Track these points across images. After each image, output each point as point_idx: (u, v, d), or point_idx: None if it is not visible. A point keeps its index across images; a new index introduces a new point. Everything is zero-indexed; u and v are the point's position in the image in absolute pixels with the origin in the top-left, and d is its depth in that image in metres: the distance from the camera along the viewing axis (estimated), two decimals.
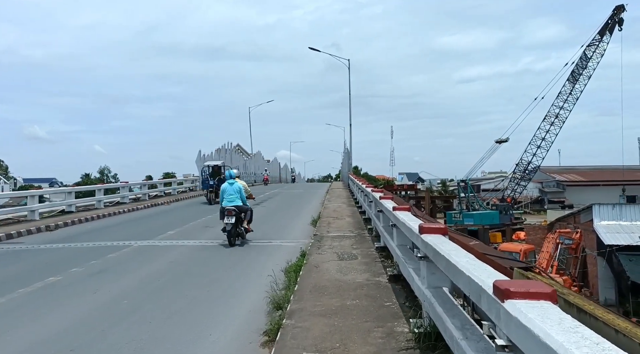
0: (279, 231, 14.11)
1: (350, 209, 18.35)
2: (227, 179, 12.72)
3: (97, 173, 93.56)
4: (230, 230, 11.52)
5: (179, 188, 32.57)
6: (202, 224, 15.93)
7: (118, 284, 7.88)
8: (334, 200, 23.37)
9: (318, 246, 10.16)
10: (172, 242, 12.12)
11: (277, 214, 18.78)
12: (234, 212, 11.62)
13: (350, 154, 41.57)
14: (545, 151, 50.91)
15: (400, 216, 6.47)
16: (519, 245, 24.21)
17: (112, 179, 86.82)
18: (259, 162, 63.13)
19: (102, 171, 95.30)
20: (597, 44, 52.77)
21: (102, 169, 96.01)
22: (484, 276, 2.86)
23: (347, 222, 14.43)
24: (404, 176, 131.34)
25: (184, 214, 19.66)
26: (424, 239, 4.50)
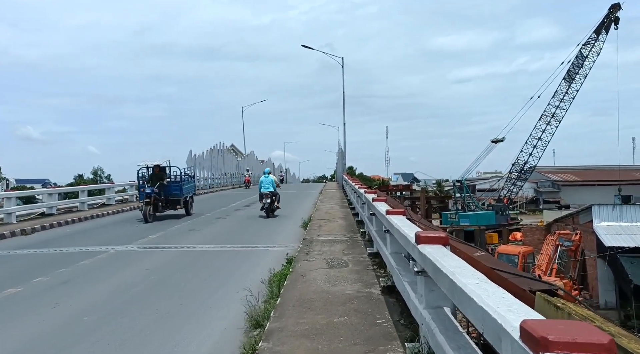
0: (266, 235, 13.38)
1: (343, 211, 17.66)
2: (266, 174, 18.71)
3: (91, 174, 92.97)
4: (267, 207, 17.20)
5: None
6: (187, 227, 15.19)
7: (83, 296, 7.14)
8: (327, 201, 22.67)
9: (306, 252, 9.45)
10: (153, 248, 11.38)
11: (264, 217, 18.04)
12: (270, 194, 17.43)
13: (344, 154, 40.89)
14: (542, 151, 50.41)
15: (394, 220, 5.77)
16: (518, 247, 23.56)
17: (106, 179, 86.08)
18: (253, 163, 62.33)
19: (95, 172, 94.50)
20: (593, 43, 52.31)
21: (95, 169, 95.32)
22: (502, 308, 2.16)
23: (339, 225, 13.73)
24: (399, 176, 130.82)
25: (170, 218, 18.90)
26: (421, 251, 3.80)
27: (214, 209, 20.60)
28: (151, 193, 16.55)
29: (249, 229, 14.71)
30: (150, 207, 16.34)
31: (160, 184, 17.04)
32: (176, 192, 17.73)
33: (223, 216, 18.37)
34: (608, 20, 52.57)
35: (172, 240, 12.57)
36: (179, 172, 19.12)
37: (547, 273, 21.01)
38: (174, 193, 17.63)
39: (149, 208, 16.30)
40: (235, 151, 69.33)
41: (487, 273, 3.36)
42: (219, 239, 12.66)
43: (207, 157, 40.87)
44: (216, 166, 43.34)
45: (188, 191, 18.90)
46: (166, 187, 17.38)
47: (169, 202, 17.54)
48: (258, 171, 64.69)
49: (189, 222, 16.21)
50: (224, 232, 14.02)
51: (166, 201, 17.37)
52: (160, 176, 17.45)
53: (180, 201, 17.80)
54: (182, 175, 19.14)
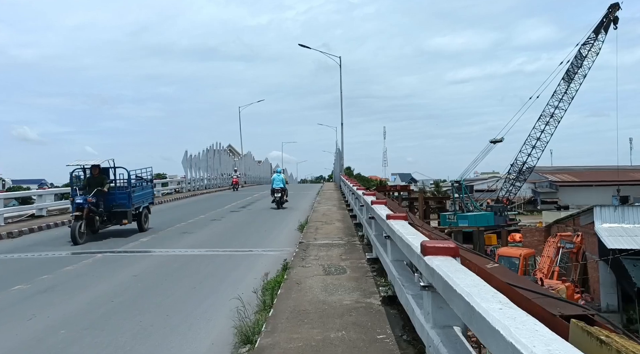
0: (261, 238, 12.94)
1: (341, 213, 17.22)
2: (278, 172, 22.78)
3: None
4: (278, 200, 20.97)
5: (164, 190, 31.28)
6: (180, 229, 14.72)
7: (62, 306, 6.68)
8: (324, 203, 22.24)
9: (302, 257, 9.01)
10: (142, 252, 10.92)
11: (260, 218, 17.60)
12: (280, 190, 21.34)
13: (342, 155, 40.46)
14: (541, 151, 50.06)
15: (396, 226, 5.33)
16: (519, 249, 23.13)
17: None
18: (249, 163, 61.90)
19: None
20: (592, 43, 52.01)
21: None
22: (539, 348, 1.72)
23: (336, 228, 13.30)
24: (396, 176, 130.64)
25: (162, 217, 18.41)
26: (428, 264, 3.37)
27: (208, 211, 20.14)
28: (83, 204, 12.46)
29: (243, 231, 14.26)
30: (81, 222, 12.27)
31: (99, 190, 13.11)
32: (122, 202, 13.81)
33: (218, 217, 17.91)
34: (607, 20, 52.29)
35: (164, 243, 12.11)
36: (128, 175, 14.51)
37: (549, 275, 20.63)
38: (119, 203, 13.79)
39: (79, 224, 12.19)
40: (232, 152, 68.92)
41: (507, 292, 2.93)
42: (212, 243, 12.21)
43: (203, 158, 40.35)
44: (212, 167, 42.84)
45: (141, 199, 14.78)
46: (108, 195, 13.61)
47: (112, 215, 13.70)
48: (254, 171, 64.34)
49: (182, 225, 15.74)
50: (218, 235, 13.57)
51: (108, 213, 13.61)
52: (100, 180, 13.50)
53: (127, 214, 13.74)
54: (130, 179, 14.52)
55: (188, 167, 36.68)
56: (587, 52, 52.04)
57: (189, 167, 36.72)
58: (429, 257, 3.47)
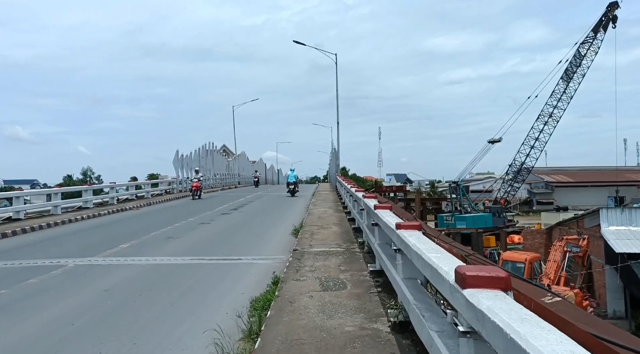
0: (252, 244, 11.93)
1: (338, 216, 16.24)
2: (292, 171, 29.82)
3: (80, 174, 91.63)
4: (291, 189, 28.07)
5: (153, 191, 30.18)
6: (165, 234, 13.68)
7: (12, 331, 5.65)
8: (320, 204, 21.24)
9: (296, 268, 8.01)
10: (120, 261, 9.89)
11: (253, 222, 16.59)
12: (293, 183, 28.62)
13: (337, 154, 39.46)
14: (539, 151, 49.25)
15: (411, 239, 4.35)
16: (524, 254, 22.15)
17: (96, 180, 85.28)
18: (243, 163, 60.76)
19: (85, 172, 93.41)
20: (591, 42, 51.31)
21: (85, 170, 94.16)
22: None
23: (333, 233, 12.30)
24: (392, 177, 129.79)
25: (149, 220, 17.41)
26: (473, 303, 2.37)
27: (198, 213, 19.10)
28: None
29: (233, 236, 13.25)
30: None
31: None
32: None
33: (207, 220, 16.88)
34: (606, 19, 51.62)
35: (145, 250, 11.07)
36: None
37: (555, 281, 19.68)
38: None
39: None
40: (227, 152, 67.73)
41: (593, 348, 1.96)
42: (197, 250, 11.19)
43: (195, 158, 39.24)
44: (205, 167, 41.71)
45: None
46: None
47: None
48: (248, 172, 63.19)
49: (168, 229, 14.71)
50: (205, 241, 12.54)
51: None
52: None
53: None
54: None
55: (179, 167, 35.60)
56: (586, 51, 51.31)
57: (180, 167, 35.64)
58: (472, 291, 2.48)
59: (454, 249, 4.46)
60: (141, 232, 14.03)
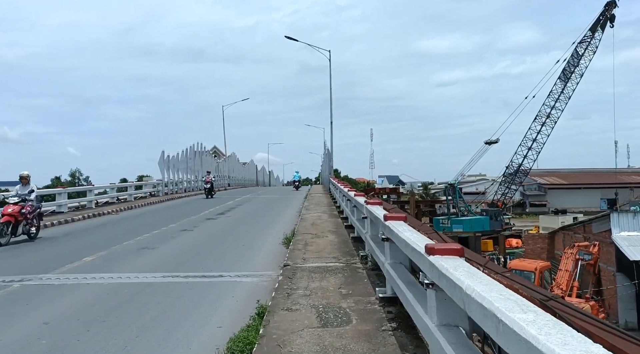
0: (237, 256, 10.44)
1: (333, 222, 14.78)
2: (297, 172, 42.04)
3: (69, 176, 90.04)
4: (297, 186, 40.35)
5: (137, 193, 28.56)
6: (140, 243, 12.15)
7: None
8: (313, 208, 19.77)
9: (287, 291, 6.54)
10: (78, 279, 8.34)
11: (240, 228, 15.09)
12: (297, 181, 42.17)
13: (331, 156, 38.01)
14: (537, 153, 48.15)
15: (457, 274, 2.90)
16: (533, 262, 20.73)
17: (84, 182, 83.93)
18: (234, 165, 59.13)
19: (73, 174, 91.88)
20: (588, 41, 50.38)
21: (73, 171, 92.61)
22: None
23: (329, 243, 10.84)
24: (384, 178, 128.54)
25: (127, 227, 15.87)
26: None
27: (181, 218, 17.56)
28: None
29: (216, 247, 11.75)
30: None
31: None
32: None
33: (190, 227, 15.35)
34: (604, 18, 50.74)
35: (111, 265, 9.54)
36: None
37: (568, 292, 18.34)
38: None
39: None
40: (217, 153, 66.09)
41: None
42: (173, 263, 9.69)
43: (182, 159, 37.63)
44: (193, 169, 40.13)
45: None
46: None
47: None
48: (239, 173, 61.57)
49: (144, 237, 13.17)
50: (184, 253, 11.01)
51: None
52: None
53: None
54: None
55: (165, 168, 34.00)
56: (584, 50, 50.37)
57: (167, 168, 34.05)
58: None
59: (523, 289, 3.00)
60: (113, 241, 12.49)
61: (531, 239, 31.38)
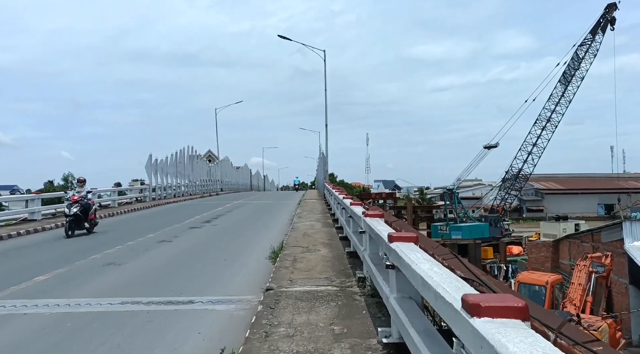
0: (216, 274, 9.05)
1: (327, 232, 13.43)
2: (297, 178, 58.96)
3: (62, 180, 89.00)
4: (296, 189, 58.39)
5: (121, 199, 27.07)
6: (107, 258, 10.73)
7: None
8: (306, 216, 18.40)
9: (265, 331, 5.16)
10: (16, 306, 6.93)
11: (225, 239, 13.69)
12: (298, 185, 64.37)
13: (326, 160, 36.65)
14: (537, 158, 46.95)
15: None
16: (544, 275, 19.26)
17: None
18: (227, 169, 57.62)
19: (66, 178, 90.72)
20: (589, 44, 49.36)
21: (66, 175, 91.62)
22: None
23: (322, 258, 9.47)
24: (380, 183, 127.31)
25: (99, 237, 14.44)
26: None
27: (163, 227, 16.16)
28: None
29: (195, 261, 10.35)
30: None
31: None
32: None
33: (169, 237, 13.94)
34: (604, 21, 49.75)
35: (65, 287, 8.14)
36: None
37: (581, 308, 16.98)
38: None
39: None
40: (212, 157, 64.58)
41: None
42: (140, 284, 8.30)
43: (172, 163, 36.18)
44: (183, 173, 38.66)
45: None
46: None
47: None
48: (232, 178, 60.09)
49: (114, 251, 11.75)
50: (154, 270, 9.60)
51: None
52: None
53: None
54: None
55: (153, 173, 32.54)
56: (584, 53, 49.34)
57: (154, 173, 32.59)
58: None
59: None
60: (78, 255, 11.09)
61: (534, 248, 30.06)
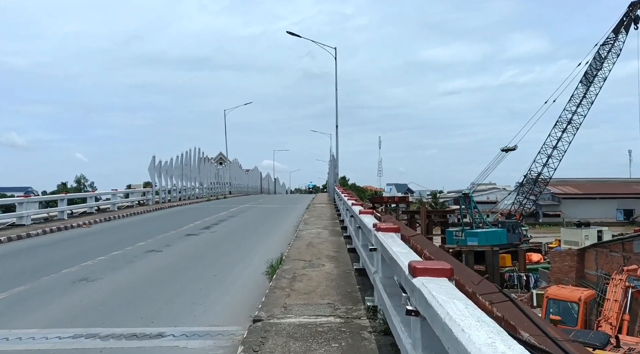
0: (199, 296, 7.65)
1: (334, 242, 12.00)
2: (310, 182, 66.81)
3: (74, 182, 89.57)
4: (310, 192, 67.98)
5: (121, 202, 25.89)
6: (80, 273, 9.40)
7: None
8: (313, 223, 16.98)
9: None
10: None
11: (221, 249, 12.33)
12: (311, 188, 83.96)
13: (336, 163, 35.20)
14: (558, 161, 45.00)
15: None
16: (575, 291, 17.52)
17: (90, 187, 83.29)
18: (236, 172, 56.43)
19: (78, 180, 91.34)
20: (612, 43, 47.39)
21: (78, 177, 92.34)
22: None
23: (325, 276, 8.05)
24: (392, 186, 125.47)
25: (84, 246, 13.20)
26: None
27: (156, 234, 14.86)
28: None
29: (179, 277, 8.99)
30: None
31: None
32: None
33: (159, 247, 12.60)
34: (628, 19, 47.75)
35: (19, 309, 6.82)
36: None
37: (618, 326, 15.33)
38: None
39: None
40: (223, 160, 63.54)
41: None
42: (106, 308, 6.94)
43: (177, 165, 35.01)
44: (189, 175, 37.48)
45: None
46: None
47: None
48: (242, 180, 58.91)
49: (93, 263, 10.44)
50: (130, 289, 8.23)
51: None
52: None
53: None
54: None
55: (157, 175, 31.39)
56: (607, 53, 47.38)
57: (158, 175, 31.44)
58: None
59: None
60: (52, 267, 9.80)
61: (558, 256, 28.29)
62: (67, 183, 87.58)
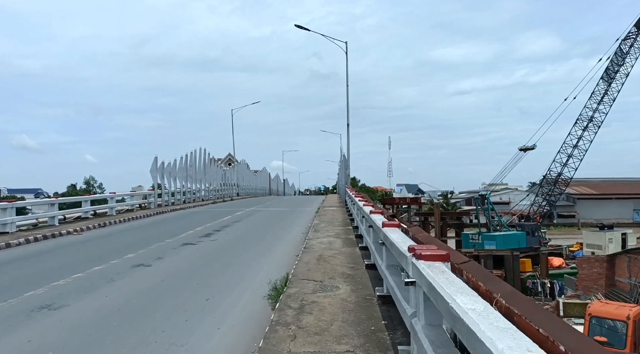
0: (181, 332, 6.05)
1: (349, 254, 10.36)
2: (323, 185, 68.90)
3: (83, 183, 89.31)
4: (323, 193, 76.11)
5: (119, 206, 24.41)
6: (45, 297, 7.86)
7: None
8: (324, 230, 15.34)
9: None
10: None
11: (218, 263, 10.73)
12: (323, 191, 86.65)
13: (347, 162, 33.56)
14: (579, 161, 43.07)
15: None
16: (624, 307, 15.66)
17: (98, 189, 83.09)
18: (243, 173, 54.94)
19: (87, 182, 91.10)
20: (634, 38, 45.39)
21: (87, 179, 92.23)
22: None
23: (341, 305, 6.41)
24: (402, 187, 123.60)
25: (60, 260, 11.66)
26: None
27: (150, 244, 13.32)
28: None
29: (163, 303, 7.40)
30: None
31: None
32: None
33: (148, 260, 11.04)
34: None
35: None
36: None
37: None
38: None
39: None
40: (232, 160, 62.21)
41: None
42: (67, 346, 5.36)
43: (181, 167, 33.52)
44: (194, 177, 35.99)
45: None
46: None
47: None
48: (250, 182, 57.44)
49: (69, 280, 8.89)
50: (95, 321, 6.65)
51: None
52: None
53: None
54: None
55: (159, 177, 29.91)
56: (629, 48, 45.39)
57: (160, 177, 29.96)
58: None
59: None
60: (14, 289, 8.27)
61: (585, 262, 26.40)
62: (76, 185, 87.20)
